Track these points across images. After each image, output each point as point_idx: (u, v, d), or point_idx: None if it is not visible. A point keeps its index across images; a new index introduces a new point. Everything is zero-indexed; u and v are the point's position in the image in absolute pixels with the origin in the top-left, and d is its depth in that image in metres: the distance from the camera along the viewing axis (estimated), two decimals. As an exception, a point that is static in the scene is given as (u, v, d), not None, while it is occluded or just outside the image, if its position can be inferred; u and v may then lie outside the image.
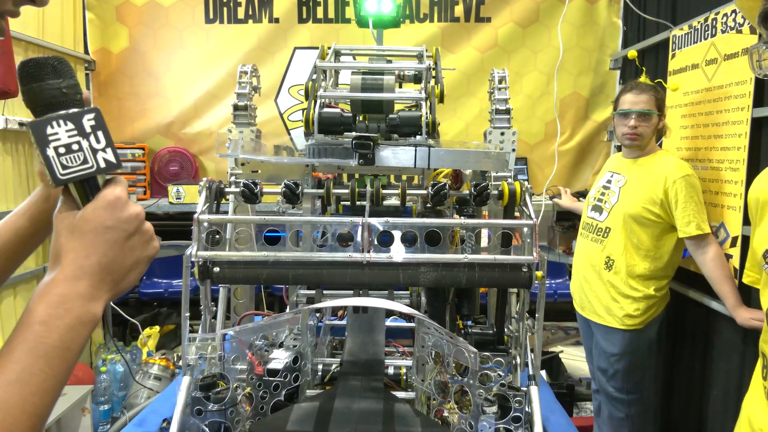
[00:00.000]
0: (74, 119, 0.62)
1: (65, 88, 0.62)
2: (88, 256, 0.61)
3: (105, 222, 0.62)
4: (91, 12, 3.71)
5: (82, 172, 0.62)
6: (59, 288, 0.60)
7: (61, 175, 0.61)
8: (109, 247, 0.62)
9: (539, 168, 3.85)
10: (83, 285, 0.61)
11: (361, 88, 1.50)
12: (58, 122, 0.61)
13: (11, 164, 3.10)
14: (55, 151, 0.61)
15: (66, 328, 0.59)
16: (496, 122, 1.65)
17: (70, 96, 0.63)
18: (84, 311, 0.60)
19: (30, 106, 0.62)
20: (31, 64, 0.62)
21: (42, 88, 0.61)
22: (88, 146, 0.62)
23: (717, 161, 2.41)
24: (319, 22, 3.79)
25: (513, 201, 1.35)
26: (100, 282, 0.62)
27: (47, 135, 0.60)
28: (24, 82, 0.62)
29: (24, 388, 0.55)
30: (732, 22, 2.34)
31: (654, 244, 2.36)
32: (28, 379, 0.55)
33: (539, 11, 3.74)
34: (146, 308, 3.99)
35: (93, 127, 0.62)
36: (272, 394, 1.36)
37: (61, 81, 0.62)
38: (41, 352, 0.57)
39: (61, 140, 0.61)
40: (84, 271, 0.61)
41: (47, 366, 0.57)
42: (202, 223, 1.26)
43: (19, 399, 0.54)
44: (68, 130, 0.61)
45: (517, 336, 1.41)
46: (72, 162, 0.61)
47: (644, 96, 2.40)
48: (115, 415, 3.13)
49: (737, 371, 2.31)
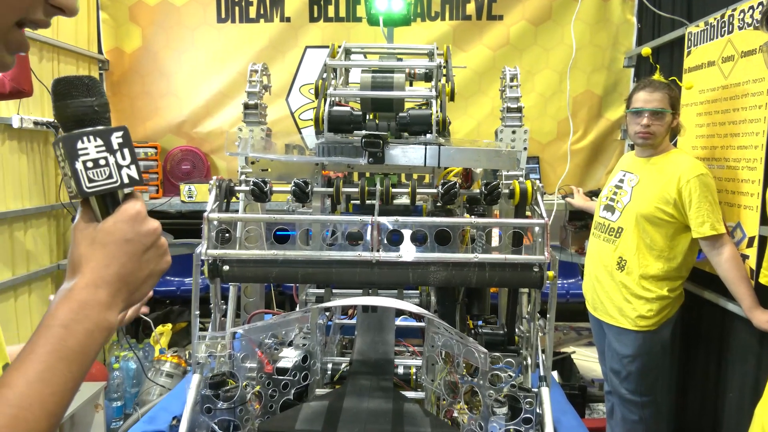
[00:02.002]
0: (104, 136, 0.65)
1: (97, 107, 0.65)
2: (108, 266, 0.64)
3: (126, 235, 0.65)
4: (104, 12, 3.74)
5: (106, 186, 0.65)
6: (80, 294, 0.62)
7: (86, 188, 0.64)
8: (128, 258, 0.65)
9: (551, 167, 3.82)
10: (102, 293, 0.63)
11: (372, 87, 1.49)
12: (88, 138, 0.64)
13: (26, 162, 3.13)
14: (84, 165, 0.64)
15: (85, 333, 0.61)
16: (507, 120, 1.63)
17: (100, 114, 0.66)
18: (102, 318, 0.63)
19: (61, 121, 0.65)
20: (65, 82, 0.65)
21: (75, 105, 0.64)
22: (114, 162, 0.65)
23: (734, 160, 2.37)
24: (330, 21, 3.78)
25: (524, 200, 1.34)
26: (117, 291, 0.64)
27: (77, 149, 0.63)
28: (58, 98, 0.65)
29: (45, 388, 0.57)
30: (749, 18, 2.29)
31: (667, 245, 2.33)
32: (49, 379, 0.57)
33: (552, 9, 3.70)
34: (159, 306, 4.02)
35: (120, 144, 0.65)
36: (281, 392, 1.36)
37: (94, 99, 0.65)
38: (62, 354, 0.59)
39: (89, 155, 0.64)
40: (103, 280, 0.63)
41: (67, 368, 0.59)
42: (212, 221, 1.26)
43: (40, 398, 0.56)
44: (97, 146, 0.64)
45: (528, 336, 1.39)
46: (98, 176, 0.64)
47: (658, 94, 2.36)
48: (127, 411, 3.15)
49: (753, 374, 2.27)
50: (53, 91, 0.65)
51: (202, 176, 3.79)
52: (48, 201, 3.32)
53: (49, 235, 3.36)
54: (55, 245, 3.41)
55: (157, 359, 3.35)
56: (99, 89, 0.66)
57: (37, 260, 3.23)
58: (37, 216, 3.24)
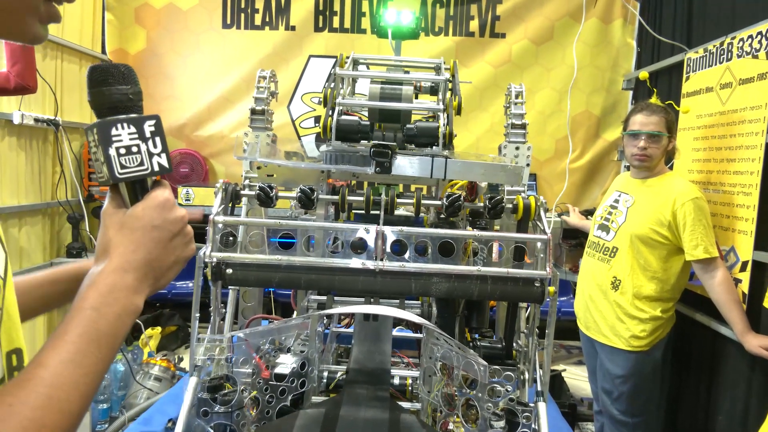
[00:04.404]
0: (137, 123, 0.66)
1: (132, 95, 0.66)
2: (136, 251, 0.65)
3: (154, 221, 0.66)
4: (110, 13, 3.76)
5: (137, 172, 0.66)
6: (109, 278, 0.63)
7: (119, 174, 0.65)
8: (155, 244, 0.66)
9: (548, 185, 3.85)
10: (130, 278, 0.64)
11: (380, 97, 1.50)
12: (123, 125, 0.65)
13: (24, 159, 3.12)
14: (116, 151, 0.64)
15: (114, 316, 0.62)
16: (511, 136, 1.66)
17: (135, 102, 0.67)
18: (129, 302, 0.64)
19: (96, 108, 0.66)
20: (101, 69, 0.66)
21: (111, 92, 0.65)
22: (146, 149, 0.66)
23: (729, 185, 2.41)
24: (335, 32, 3.82)
25: (527, 215, 1.35)
26: (144, 276, 0.65)
27: (111, 135, 0.64)
28: (94, 85, 0.66)
29: (77, 369, 0.57)
30: (748, 47, 2.35)
31: (661, 266, 2.35)
32: (81, 360, 0.58)
33: (554, 29, 3.76)
34: (149, 309, 3.99)
35: (152, 132, 0.67)
36: (278, 398, 1.35)
37: (129, 87, 0.66)
38: (93, 336, 0.59)
39: (123, 141, 0.65)
40: (131, 265, 0.64)
41: (97, 349, 0.59)
42: (217, 224, 1.26)
43: (73, 378, 0.57)
44: (130, 133, 0.65)
45: (525, 351, 1.40)
46: (130, 163, 0.65)
47: (655, 117, 2.40)
48: (113, 414, 3.11)
49: (743, 398, 2.29)
50: (89, 77, 0.65)
51: (200, 180, 3.78)
52: (44, 198, 3.30)
53: (43, 233, 3.33)
54: (48, 243, 3.39)
55: (145, 362, 3.31)
56: (134, 78, 0.67)
57: (30, 258, 3.20)
58: (32, 213, 3.22)
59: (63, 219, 3.49)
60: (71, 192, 3.49)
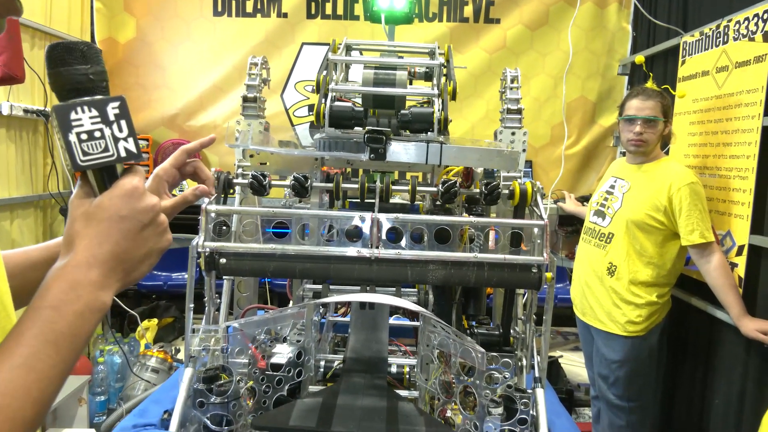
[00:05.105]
0: (99, 106, 0.61)
1: (92, 75, 0.62)
2: (101, 244, 0.61)
3: (120, 211, 0.62)
4: (98, 1, 3.69)
5: (102, 159, 0.61)
6: (71, 274, 0.59)
7: (81, 162, 0.61)
8: (122, 236, 0.62)
9: (544, 171, 3.84)
10: (95, 273, 0.60)
11: (374, 83, 1.48)
12: (82, 108, 0.60)
13: (14, 151, 3.08)
14: (77, 137, 0.60)
15: (75, 315, 0.58)
16: (507, 122, 1.64)
17: (96, 83, 0.62)
18: (94, 298, 0.60)
19: (56, 90, 0.62)
20: (60, 48, 0.61)
21: (69, 72, 0.61)
22: (110, 134, 0.62)
23: (725, 169, 2.40)
24: (327, 18, 3.77)
25: (524, 201, 1.34)
26: (111, 271, 0.62)
27: (71, 120, 0.60)
28: (51, 66, 0.61)
29: (30, 374, 0.54)
30: (744, 29, 2.33)
31: (657, 251, 2.35)
32: (35, 365, 0.54)
33: (549, 14, 3.73)
34: (145, 300, 3.98)
35: (117, 115, 0.62)
36: (275, 388, 1.35)
37: (89, 67, 0.61)
38: (50, 338, 0.56)
39: (84, 126, 0.60)
40: (96, 259, 0.61)
41: (55, 352, 0.56)
42: (210, 213, 1.24)
43: (25, 384, 0.53)
44: (92, 117, 0.61)
45: (523, 338, 1.40)
46: (93, 149, 0.61)
47: (650, 102, 2.38)
48: (111, 406, 3.11)
49: (739, 382, 2.30)
50: (48, 56, 0.61)
51: (194, 170, 3.75)
52: (35, 191, 3.27)
53: (35, 226, 3.30)
54: (41, 236, 3.36)
55: (142, 354, 3.31)
56: (96, 57, 0.62)
57: (22, 250, 3.17)
58: (23, 206, 3.18)
59: (56, 211, 3.46)
60: (63, 184, 3.46)
